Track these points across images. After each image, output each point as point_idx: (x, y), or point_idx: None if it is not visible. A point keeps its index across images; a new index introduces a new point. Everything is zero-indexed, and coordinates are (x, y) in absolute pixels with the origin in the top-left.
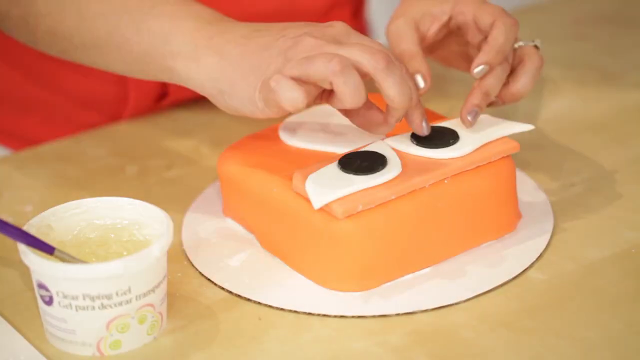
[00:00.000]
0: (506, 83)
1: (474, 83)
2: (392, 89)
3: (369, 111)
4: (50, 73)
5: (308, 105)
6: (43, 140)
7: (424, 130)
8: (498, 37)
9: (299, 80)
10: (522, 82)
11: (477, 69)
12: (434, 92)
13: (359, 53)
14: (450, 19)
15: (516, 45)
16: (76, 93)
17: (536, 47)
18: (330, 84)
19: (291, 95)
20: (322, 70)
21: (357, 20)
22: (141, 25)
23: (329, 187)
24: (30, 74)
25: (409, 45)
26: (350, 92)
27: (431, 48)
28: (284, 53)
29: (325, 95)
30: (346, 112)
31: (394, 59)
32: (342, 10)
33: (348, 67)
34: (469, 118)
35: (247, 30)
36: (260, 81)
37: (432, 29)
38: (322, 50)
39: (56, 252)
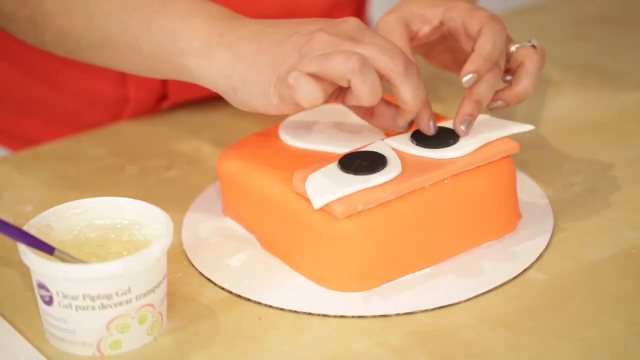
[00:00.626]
0: (509, 86)
1: (464, 92)
2: (408, 94)
3: (387, 109)
4: (51, 73)
5: (322, 103)
6: (43, 140)
7: (431, 130)
8: (485, 45)
9: (315, 77)
10: (524, 83)
11: (466, 78)
12: (430, 94)
13: (378, 54)
14: (441, 23)
15: (514, 48)
16: (77, 93)
17: (534, 46)
18: (348, 81)
19: (310, 92)
20: (341, 68)
21: None
22: (151, 23)
23: (329, 187)
24: (31, 73)
25: (397, 41)
26: (368, 91)
27: (427, 52)
28: (298, 49)
29: (342, 94)
30: (362, 114)
31: (410, 60)
32: (343, 11)
33: (367, 65)
34: (462, 128)
35: (259, 27)
36: (275, 77)
37: (423, 30)
38: (338, 48)
39: (56, 252)
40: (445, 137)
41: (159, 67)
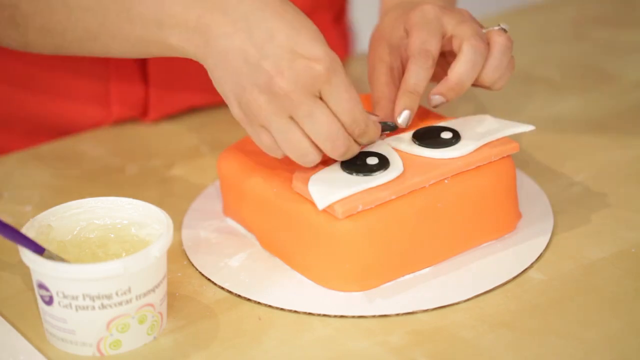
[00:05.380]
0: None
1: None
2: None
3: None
4: (32, 90)
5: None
6: None
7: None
8: (459, 68)
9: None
10: (486, 67)
11: (433, 97)
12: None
13: (322, 138)
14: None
15: (483, 31)
16: (58, 111)
17: (503, 30)
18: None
19: (268, 149)
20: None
21: (339, 25)
22: (130, 12)
23: (332, 187)
24: (13, 92)
25: (380, 84)
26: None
27: None
28: (257, 87)
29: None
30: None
31: (350, 141)
32: (323, 15)
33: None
34: (400, 121)
35: (236, 16)
36: (234, 95)
37: (404, 59)
38: (279, 124)
39: (46, 253)
40: (446, 137)
41: (148, 51)
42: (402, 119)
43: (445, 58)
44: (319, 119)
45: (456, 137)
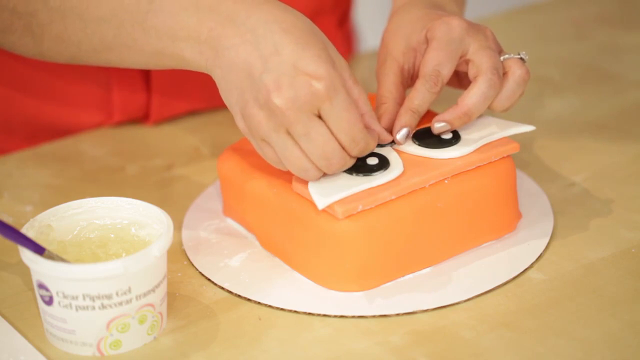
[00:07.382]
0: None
1: (405, 102)
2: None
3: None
4: (33, 100)
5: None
6: None
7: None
8: (471, 98)
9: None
10: (500, 96)
11: (438, 125)
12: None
13: (319, 157)
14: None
15: (501, 58)
16: (59, 118)
17: (522, 59)
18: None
19: (271, 160)
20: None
21: (343, 28)
22: (145, 24)
23: (332, 187)
24: (13, 104)
25: (389, 84)
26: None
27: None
28: (257, 102)
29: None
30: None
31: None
32: (327, 19)
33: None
34: (398, 137)
35: (245, 28)
36: (238, 107)
37: (417, 62)
38: (277, 142)
39: (46, 253)
40: (446, 137)
41: (162, 62)
42: (400, 135)
43: (459, 74)
44: (315, 139)
45: (456, 137)
